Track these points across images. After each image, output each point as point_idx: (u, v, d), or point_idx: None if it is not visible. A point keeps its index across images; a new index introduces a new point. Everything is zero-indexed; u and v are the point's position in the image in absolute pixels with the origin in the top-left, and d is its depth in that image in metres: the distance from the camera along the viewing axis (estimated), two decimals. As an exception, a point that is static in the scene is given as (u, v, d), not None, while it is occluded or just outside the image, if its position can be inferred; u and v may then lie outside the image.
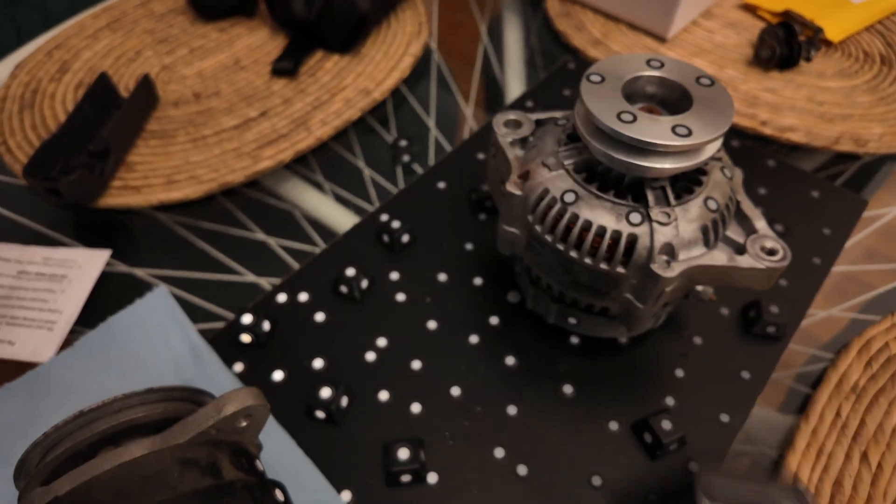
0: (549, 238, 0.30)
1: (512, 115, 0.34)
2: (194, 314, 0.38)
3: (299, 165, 0.48)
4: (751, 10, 0.60)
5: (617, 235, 0.28)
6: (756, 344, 0.37)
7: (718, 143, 0.28)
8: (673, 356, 0.36)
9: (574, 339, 0.37)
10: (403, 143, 0.48)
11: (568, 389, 0.35)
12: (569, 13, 0.60)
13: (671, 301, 0.32)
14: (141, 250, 0.42)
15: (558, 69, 0.56)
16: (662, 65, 0.29)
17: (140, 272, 0.41)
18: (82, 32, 0.57)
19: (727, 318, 0.38)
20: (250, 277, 0.41)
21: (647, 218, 0.28)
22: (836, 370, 0.36)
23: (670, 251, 0.28)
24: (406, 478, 0.31)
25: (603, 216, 0.28)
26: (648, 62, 0.29)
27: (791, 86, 0.53)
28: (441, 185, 0.46)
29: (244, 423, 0.24)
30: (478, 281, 0.40)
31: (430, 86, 0.55)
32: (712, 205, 0.29)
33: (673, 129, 0.26)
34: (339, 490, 0.31)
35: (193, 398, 0.26)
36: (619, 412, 0.34)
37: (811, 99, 0.51)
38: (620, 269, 0.29)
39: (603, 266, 0.29)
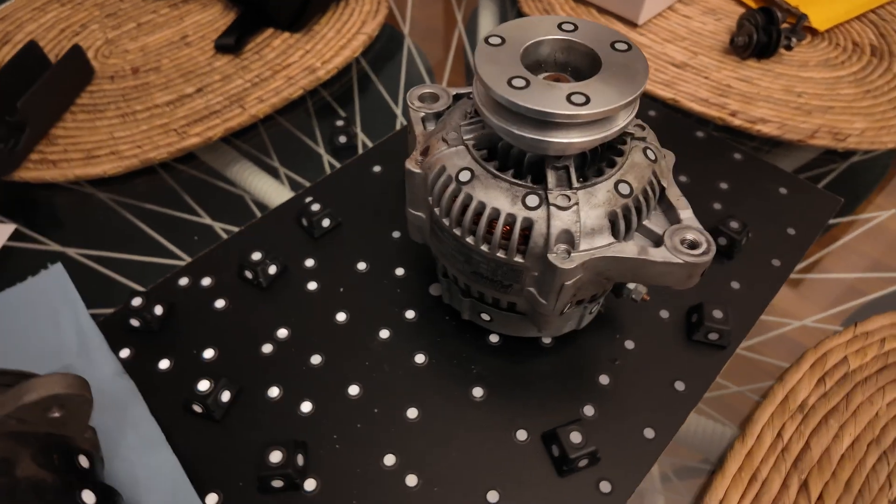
0: (446, 222, 0.27)
1: (428, 89, 0.31)
2: (108, 293, 0.36)
3: (242, 142, 0.45)
4: (734, -4, 0.56)
5: (511, 220, 0.25)
6: (696, 352, 0.33)
7: (627, 116, 0.24)
8: (600, 361, 0.33)
9: (493, 338, 0.34)
10: (340, 123, 0.45)
11: (478, 392, 0.32)
12: (539, -4, 0.57)
13: (585, 297, 0.28)
14: (58, 227, 0.40)
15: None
16: (576, 28, 0.26)
17: (55, 248, 0.39)
18: (30, 5, 0.55)
19: (667, 322, 0.35)
20: (171, 257, 0.38)
21: (546, 201, 0.24)
22: (782, 385, 0.32)
23: (569, 240, 0.24)
24: (278, 483, 0.28)
25: (498, 198, 0.25)
26: (560, 25, 0.26)
27: (769, 76, 0.48)
28: (376, 168, 0.43)
29: (56, 414, 0.22)
30: (399, 272, 0.37)
31: (397, 69, 0.52)
32: (624, 189, 0.25)
33: (568, 97, 0.22)
34: (206, 492, 0.28)
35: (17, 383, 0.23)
36: (531, 420, 0.30)
37: (789, 90, 0.47)
38: (518, 259, 0.25)
39: (500, 255, 0.26)
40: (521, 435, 0.30)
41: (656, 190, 0.26)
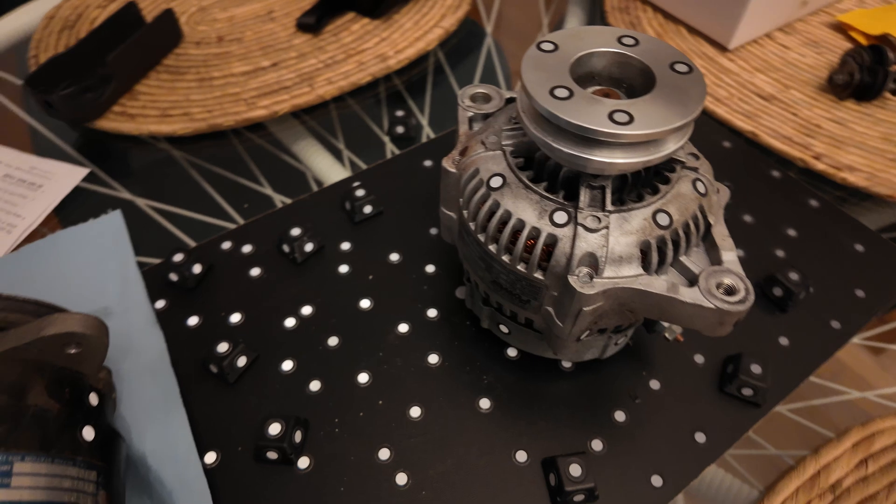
0: (472, 226, 0.26)
1: (482, 89, 0.31)
2: (162, 244, 0.38)
3: (311, 118, 0.47)
4: (842, 30, 0.52)
5: (535, 234, 0.24)
6: (726, 405, 0.31)
7: (676, 142, 0.22)
8: (619, 396, 0.31)
9: (511, 352, 0.33)
10: (400, 113, 0.45)
11: (485, 404, 0.31)
12: (627, 8, 0.55)
13: (608, 327, 0.27)
14: (130, 176, 0.43)
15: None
16: (637, 43, 0.24)
17: (124, 195, 0.41)
18: (141, -33, 0.59)
19: (700, 368, 0.32)
20: (227, 219, 0.40)
21: (574, 220, 0.23)
22: (816, 459, 0.29)
23: (594, 264, 0.23)
24: (272, 455, 0.28)
25: (525, 209, 0.24)
26: (620, 38, 0.25)
27: (867, 121, 0.44)
28: (427, 162, 0.43)
29: (73, 350, 0.23)
30: (430, 269, 0.36)
31: (474, 65, 0.52)
32: (662, 219, 0.23)
33: (611, 114, 0.21)
34: (206, 450, 0.29)
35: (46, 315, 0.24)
36: (534, 443, 0.29)
37: (888, 138, 0.43)
38: (538, 276, 0.24)
39: (520, 268, 0.25)
40: (521, 456, 0.29)
41: (700, 225, 0.25)
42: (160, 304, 0.35)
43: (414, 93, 0.49)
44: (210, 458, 0.29)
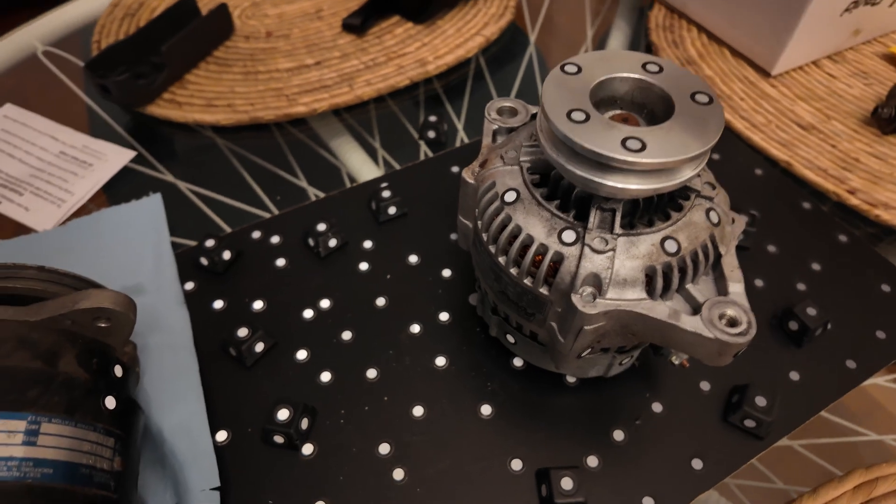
0: (484, 237, 0.27)
1: (509, 103, 0.31)
2: (199, 228, 0.40)
3: (351, 116, 0.48)
4: (895, 61, 0.50)
5: (543, 250, 0.24)
6: (727, 435, 0.31)
7: (690, 171, 0.23)
8: (621, 415, 0.31)
9: (517, 362, 0.33)
10: (432, 118, 0.46)
11: (487, 410, 0.32)
12: (671, 26, 0.54)
13: (611, 347, 0.27)
14: (174, 160, 0.45)
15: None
16: (661, 70, 0.25)
17: (168, 178, 0.43)
18: (201, -39, 0.62)
19: (705, 395, 0.32)
20: (262, 209, 0.42)
21: (582, 240, 0.24)
22: (814, 498, 0.29)
23: (597, 284, 0.24)
24: (279, 439, 0.30)
25: (535, 226, 0.25)
26: (645, 65, 0.25)
27: (910, 158, 0.43)
28: (455, 168, 0.44)
29: (103, 324, 0.25)
30: (446, 273, 0.37)
31: (514, 73, 0.52)
32: (671, 246, 0.24)
33: (624, 141, 0.22)
34: (217, 428, 0.31)
35: (82, 288, 0.26)
36: (531, 453, 0.30)
37: (930, 178, 0.42)
38: (543, 291, 0.25)
39: (527, 282, 0.25)
40: (516, 465, 0.30)
41: (710, 255, 0.25)
42: (189, 285, 0.37)
43: (452, 97, 0.50)
44: (221, 436, 0.30)
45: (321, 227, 0.38)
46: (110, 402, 0.24)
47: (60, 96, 0.50)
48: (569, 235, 0.24)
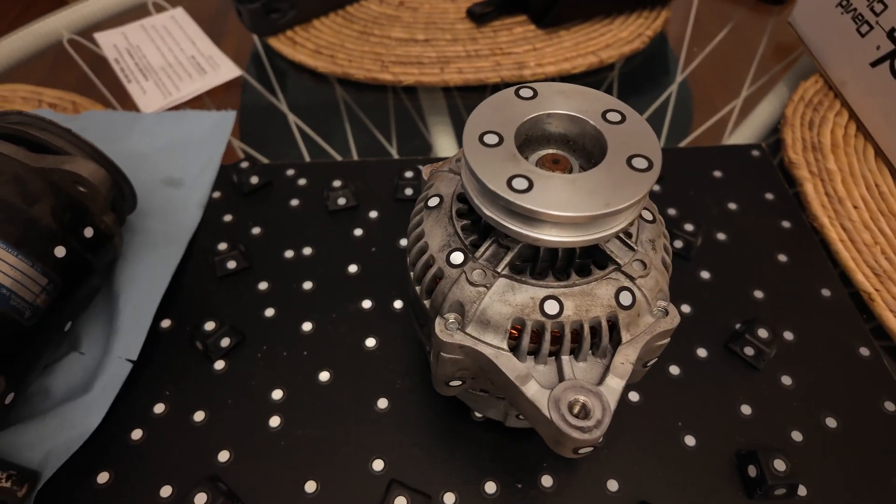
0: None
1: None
2: (275, 154, 0.45)
3: (463, 98, 0.49)
4: None
5: (431, 262, 0.24)
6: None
7: (582, 235, 0.20)
8: (512, 467, 0.29)
9: (438, 374, 0.33)
10: (495, 120, 0.45)
11: (382, 404, 0.31)
12: (818, 103, 0.47)
13: (484, 389, 0.26)
14: (282, 89, 0.50)
15: (746, 153, 0.44)
16: (622, 120, 0.22)
17: (269, 100, 0.49)
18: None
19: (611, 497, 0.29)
20: (344, 153, 0.45)
21: (462, 266, 0.22)
22: None
23: (461, 313, 0.22)
24: (199, 346, 0.33)
25: (436, 237, 0.24)
26: (606, 112, 0.22)
27: None
28: (493, 175, 0.43)
29: (82, 189, 0.29)
30: (426, 267, 0.37)
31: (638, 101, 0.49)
32: (551, 308, 0.21)
33: (511, 177, 0.20)
34: (164, 317, 0.34)
35: (98, 161, 0.31)
36: (396, 471, 0.29)
37: None
38: (425, 301, 0.24)
39: (417, 288, 0.25)
40: (378, 465, 0.29)
41: (602, 336, 0.22)
42: (216, 194, 0.41)
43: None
44: (165, 323, 0.34)
45: (337, 183, 0.40)
46: (59, 252, 0.28)
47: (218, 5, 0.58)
48: (456, 257, 0.23)
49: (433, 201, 0.25)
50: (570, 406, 0.21)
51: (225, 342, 0.33)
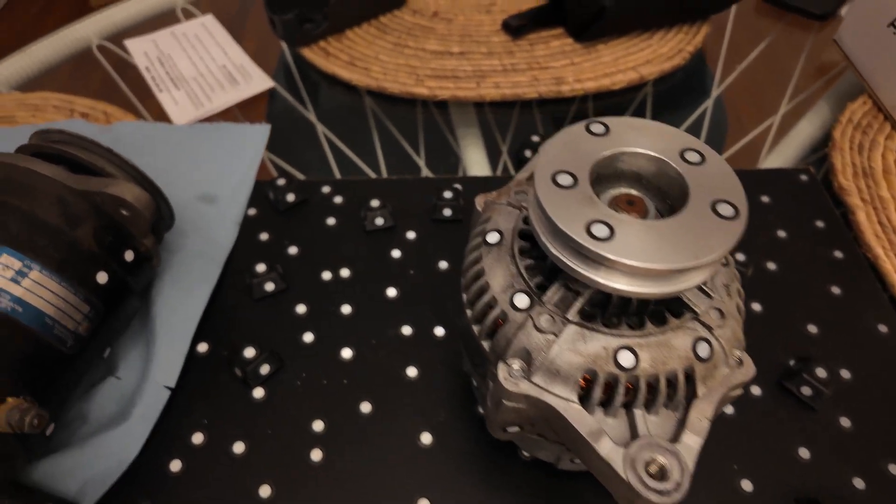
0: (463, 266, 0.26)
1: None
2: (304, 167, 0.44)
3: (493, 112, 0.48)
4: None
5: (493, 303, 0.23)
6: None
7: (671, 287, 0.19)
8: (552, 510, 0.28)
9: (480, 409, 0.32)
10: (535, 139, 0.44)
11: (426, 439, 0.31)
12: (867, 126, 0.45)
13: (548, 437, 0.25)
14: (311, 100, 0.49)
15: (792, 177, 0.43)
16: (703, 160, 0.21)
17: (299, 111, 0.48)
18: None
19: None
20: (374, 168, 0.44)
21: (529, 311, 0.21)
22: None
23: (527, 361, 0.21)
24: (238, 372, 0.32)
25: (497, 276, 0.23)
26: (684, 151, 0.21)
27: None
28: (533, 196, 0.42)
29: (125, 212, 0.28)
30: (467, 292, 0.36)
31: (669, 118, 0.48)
32: (625, 360, 0.20)
33: (590, 223, 0.19)
34: (202, 340, 0.34)
35: (141, 183, 0.30)
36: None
37: None
38: (485, 344, 0.23)
39: (475, 328, 0.24)
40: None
41: (679, 389, 0.21)
42: (252, 211, 0.40)
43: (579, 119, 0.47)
44: (202, 347, 0.34)
45: (374, 203, 0.39)
46: (101, 278, 0.28)
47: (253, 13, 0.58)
48: (521, 300, 0.22)
49: (493, 237, 0.24)
50: (647, 465, 0.20)
51: (265, 369, 0.32)
